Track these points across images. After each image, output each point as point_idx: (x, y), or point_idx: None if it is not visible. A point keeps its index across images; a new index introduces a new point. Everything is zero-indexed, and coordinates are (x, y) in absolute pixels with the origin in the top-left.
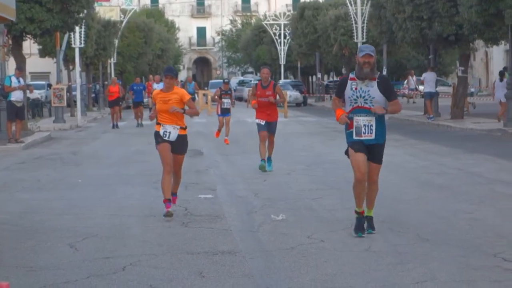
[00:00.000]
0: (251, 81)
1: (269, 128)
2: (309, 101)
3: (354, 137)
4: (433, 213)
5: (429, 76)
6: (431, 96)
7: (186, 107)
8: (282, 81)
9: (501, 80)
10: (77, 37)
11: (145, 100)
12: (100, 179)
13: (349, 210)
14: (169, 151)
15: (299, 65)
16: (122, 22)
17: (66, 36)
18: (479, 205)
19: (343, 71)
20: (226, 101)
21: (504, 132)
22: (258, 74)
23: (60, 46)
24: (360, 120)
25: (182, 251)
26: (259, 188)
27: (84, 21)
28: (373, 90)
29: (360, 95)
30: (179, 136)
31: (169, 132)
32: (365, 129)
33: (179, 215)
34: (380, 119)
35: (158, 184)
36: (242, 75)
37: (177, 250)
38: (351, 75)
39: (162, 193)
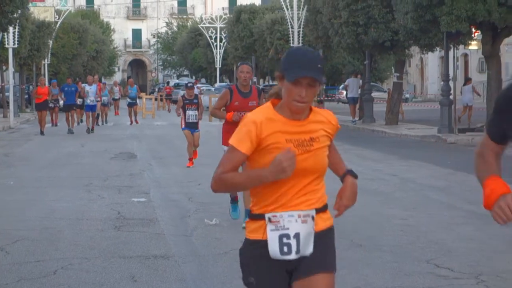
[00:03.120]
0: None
1: None
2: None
3: None
4: (367, 219)
5: (352, 82)
6: (354, 101)
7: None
8: (218, 84)
9: (464, 84)
10: (11, 37)
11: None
12: (32, 181)
13: None
14: None
15: (234, 68)
16: (56, 22)
17: None
18: (412, 211)
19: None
20: (192, 114)
21: (438, 138)
22: (194, 77)
23: None
24: None
25: (114, 255)
26: (193, 192)
27: (18, 21)
28: None
29: None
30: (317, 237)
31: (297, 236)
32: None
33: (111, 219)
34: None
35: (90, 187)
36: (178, 78)
37: (109, 254)
38: None
39: None
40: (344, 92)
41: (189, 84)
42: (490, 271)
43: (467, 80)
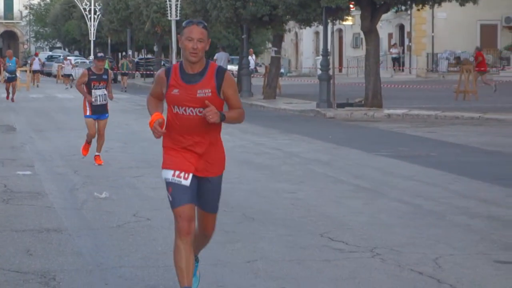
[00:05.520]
0: (60, 56)
1: (203, 199)
2: (119, 78)
3: None
4: (256, 193)
5: (220, 56)
6: None
7: None
8: (92, 57)
9: None
10: None
11: None
12: None
13: None
14: None
15: (109, 41)
16: None
17: None
18: (300, 185)
19: (155, 48)
20: (101, 93)
21: (317, 112)
22: (67, 50)
23: None
24: None
25: (6, 229)
26: (78, 165)
27: None
28: None
29: None
30: None
31: None
32: None
33: None
34: None
35: None
36: (51, 50)
37: (0, 228)
38: None
39: None
40: None
41: (99, 55)
42: (383, 244)
43: None
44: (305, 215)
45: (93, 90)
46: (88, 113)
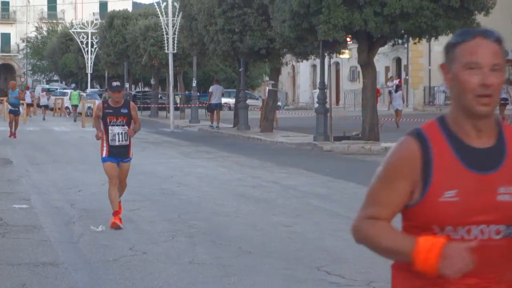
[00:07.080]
0: (57, 89)
1: None
2: None
3: None
4: (253, 226)
5: (215, 89)
6: (216, 107)
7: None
8: (89, 90)
9: (396, 91)
10: None
11: None
12: None
13: (169, 221)
14: None
15: (106, 74)
16: None
17: None
18: (297, 218)
19: (152, 81)
20: (119, 131)
21: (314, 145)
22: (64, 83)
23: None
24: None
25: (2, 262)
26: (75, 199)
27: None
28: None
29: None
30: None
31: None
32: None
33: None
34: None
35: None
36: (47, 83)
37: None
38: None
39: None
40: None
41: (114, 84)
42: (380, 278)
43: (398, 87)
44: (301, 249)
45: (110, 127)
46: (104, 155)
